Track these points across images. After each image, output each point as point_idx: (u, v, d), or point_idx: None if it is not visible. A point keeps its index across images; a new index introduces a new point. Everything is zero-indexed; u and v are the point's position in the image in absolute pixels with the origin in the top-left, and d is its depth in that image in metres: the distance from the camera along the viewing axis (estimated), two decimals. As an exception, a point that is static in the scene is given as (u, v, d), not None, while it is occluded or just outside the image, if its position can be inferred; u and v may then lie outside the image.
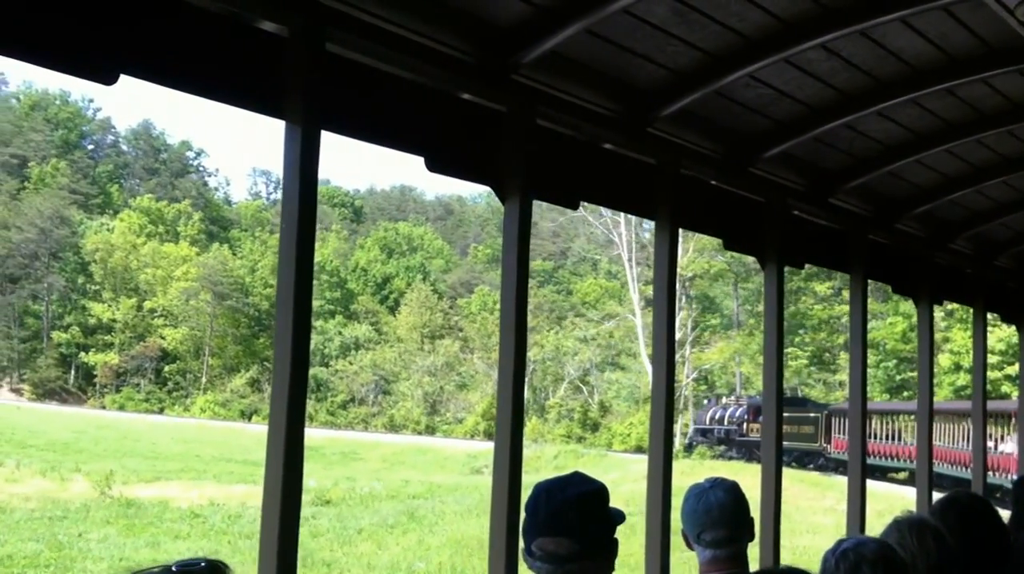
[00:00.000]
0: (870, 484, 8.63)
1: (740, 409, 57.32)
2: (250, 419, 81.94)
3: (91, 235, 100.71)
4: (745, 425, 55.62)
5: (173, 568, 2.13)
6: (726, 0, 4.78)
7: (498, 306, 5.61)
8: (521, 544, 2.81)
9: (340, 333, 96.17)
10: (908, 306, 41.01)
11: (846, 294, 9.24)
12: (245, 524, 31.19)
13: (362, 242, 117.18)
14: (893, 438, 43.96)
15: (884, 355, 62.40)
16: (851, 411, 8.16)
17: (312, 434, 69.63)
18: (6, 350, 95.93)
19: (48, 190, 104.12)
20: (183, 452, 56.30)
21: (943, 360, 54.83)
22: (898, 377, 61.09)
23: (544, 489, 2.77)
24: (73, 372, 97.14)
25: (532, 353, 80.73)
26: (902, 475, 43.72)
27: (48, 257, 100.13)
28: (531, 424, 73.33)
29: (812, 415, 49.71)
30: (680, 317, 56.52)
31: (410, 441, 70.54)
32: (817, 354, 68.41)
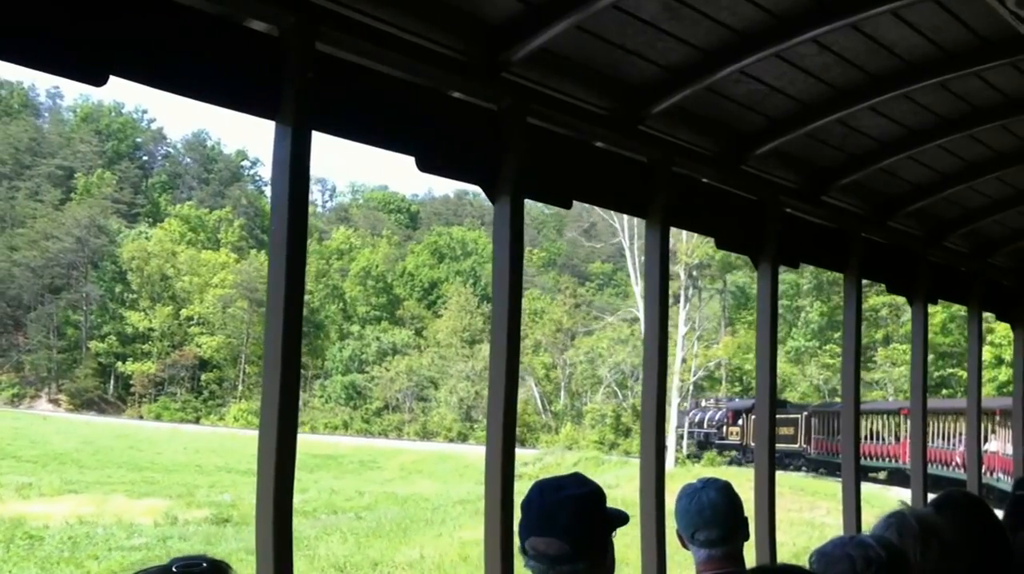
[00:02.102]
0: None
1: (719, 413, 58.06)
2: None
3: (128, 243, 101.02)
4: (724, 428, 56.23)
5: (173, 568, 2.14)
6: None
7: (537, 307, 5.59)
8: (516, 542, 2.79)
9: (378, 339, 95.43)
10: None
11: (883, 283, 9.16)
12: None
13: (414, 247, 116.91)
14: (872, 438, 44.15)
15: (921, 349, 59.13)
16: (844, 411, 8.10)
17: (339, 442, 68.80)
18: (44, 361, 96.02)
19: (92, 200, 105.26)
20: (185, 462, 55.74)
21: (984, 353, 52.65)
22: (936, 374, 55.53)
23: (539, 488, 2.76)
24: (112, 382, 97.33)
25: (568, 355, 79.19)
26: (882, 475, 43.80)
27: (87, 266, 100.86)
28: (566, 430, 71.83)
29: (792, 416, 50.00)
30: (686, 310, 55.19)
31: (437, 448, 69.55)
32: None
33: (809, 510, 33.46)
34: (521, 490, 3.02)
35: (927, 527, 3.24)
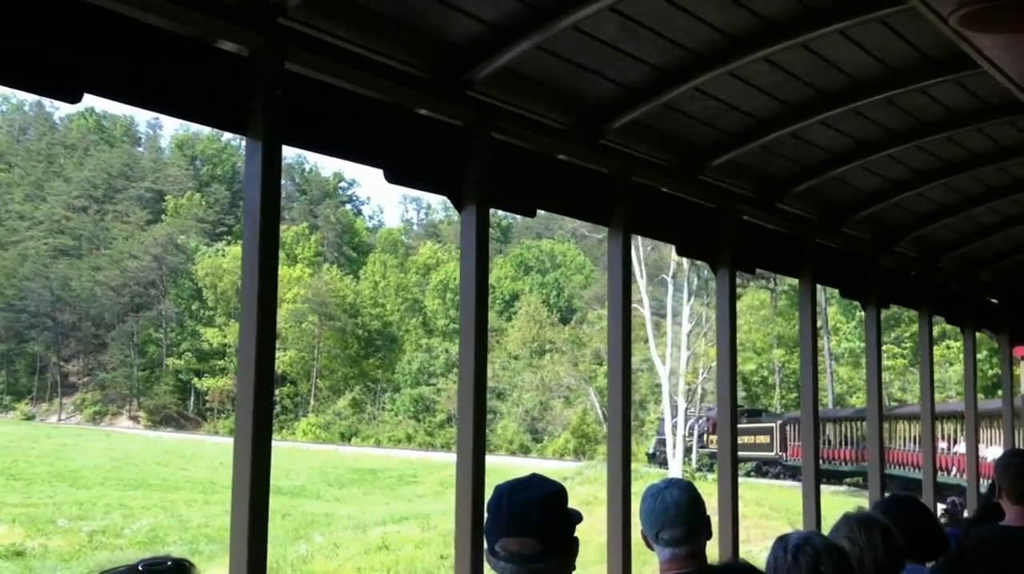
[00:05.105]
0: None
1: (700, 421, 57.87)
2: (350, 441, 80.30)
3: (204, 260, 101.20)
4: (705, 436, 56.21)
5: (139, 566, 2.16)
6: (672, 16, 4.93)
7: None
8: (485, 545, 2.84)
9: (447, 351, 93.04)
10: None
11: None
12: None
13: (499, 260, 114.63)
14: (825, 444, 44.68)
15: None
16: (803, 417, 8.17)
17: (392, 455, 65.20)
18: (124, 378, 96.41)
19: (179, 220, 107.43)
20: (203, 478, 52.21)
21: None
22: (992, 371, 48.19)
23: (506, 490, 2.84)
24: (193, 399, 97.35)
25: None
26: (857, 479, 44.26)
27: (165, 284, 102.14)
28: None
29: (768, 425, 51.04)
30: (690, 305, 53.63)
31: (494, 462, 64.83)
32: (919, 350, 62.44)
33: (771, 537, 30.01)
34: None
35: (870, 519, 3.86)
